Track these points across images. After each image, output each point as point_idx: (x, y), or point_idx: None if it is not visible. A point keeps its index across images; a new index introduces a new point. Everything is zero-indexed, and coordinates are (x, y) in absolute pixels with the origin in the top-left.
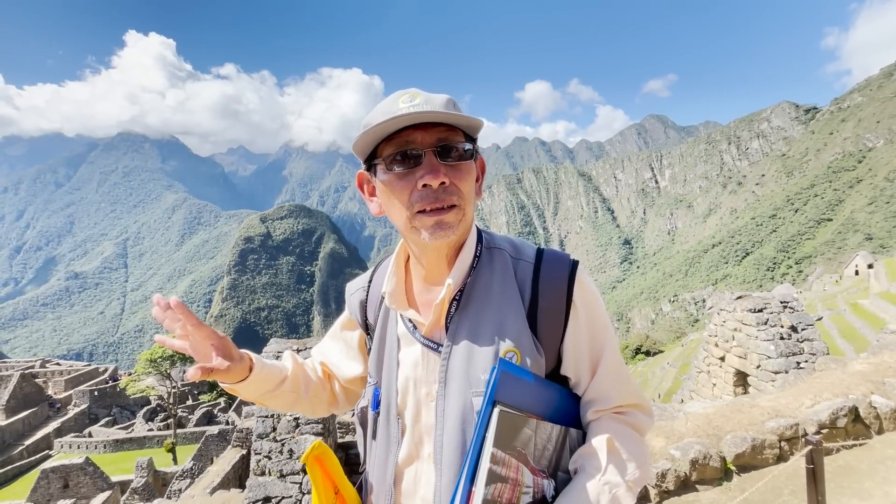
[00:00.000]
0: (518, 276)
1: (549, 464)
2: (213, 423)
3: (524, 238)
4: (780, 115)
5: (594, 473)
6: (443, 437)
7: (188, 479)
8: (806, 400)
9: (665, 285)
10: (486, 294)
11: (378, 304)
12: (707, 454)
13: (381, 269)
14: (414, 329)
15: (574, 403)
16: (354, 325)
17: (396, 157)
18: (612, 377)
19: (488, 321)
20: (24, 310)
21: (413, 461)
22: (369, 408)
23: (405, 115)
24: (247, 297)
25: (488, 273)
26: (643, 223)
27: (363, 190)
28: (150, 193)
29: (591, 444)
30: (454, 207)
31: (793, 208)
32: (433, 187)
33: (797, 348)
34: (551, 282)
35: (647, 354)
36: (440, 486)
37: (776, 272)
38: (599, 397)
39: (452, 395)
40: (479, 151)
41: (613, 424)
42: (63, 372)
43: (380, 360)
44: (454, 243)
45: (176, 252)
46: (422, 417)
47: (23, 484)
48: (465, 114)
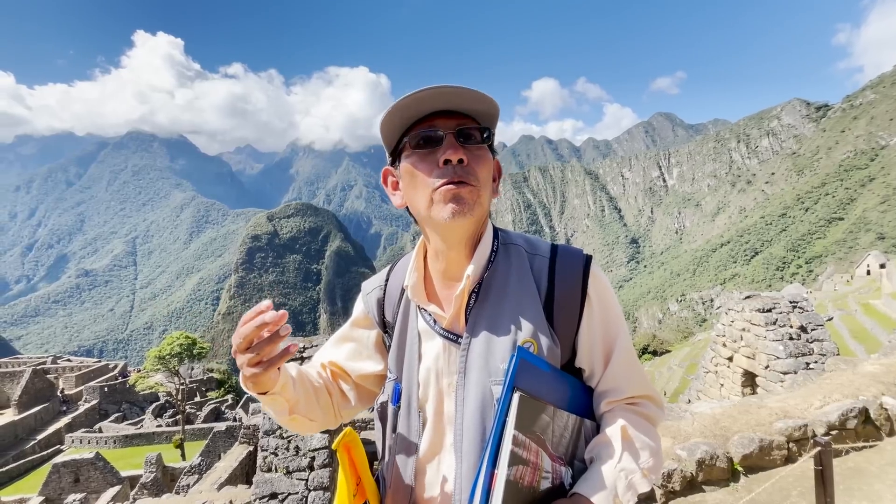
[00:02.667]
0: (534, 270)
1: (566, 452)
2: (221, 419)
3: None
4: (791, 112)
5: (610, 461)
6: (462, 425)
7: (196, 475)
8: (815, 401)
9: (672, 285)
10: (503, 287)
11: (397, 301)
12: (714, 455)
13: (398, 267)
14: (434, 322)
15: (587, 395)
16: (370, 323)
17: (420, 139)
18: (625, 368)
19: (506, 313)
20: (35, 307)
21: (435, 452)
22: (389, 402)
23: (431, 87)
24: (254, 295)
25: (505, 267)
26: (651, 222)
27: (386, 184)
28: (159, 192)
29: (606, 434)
30: (472, 186)
31: (803, 207)
32: (453, 162)
33: (807, 349)
34: (567, 275)
35: (655, 354)
36: (460, 471)
37: (786, 272)
38: (612, 388)
39: (472, 385)
40: (495, 151)
41: (627, 414)
42: (74, 368)
43: (400, 356)
44: (472, 233)
45: (184, 250)
46: (444, 408)
47: (35, 478)
48: (482, 93)
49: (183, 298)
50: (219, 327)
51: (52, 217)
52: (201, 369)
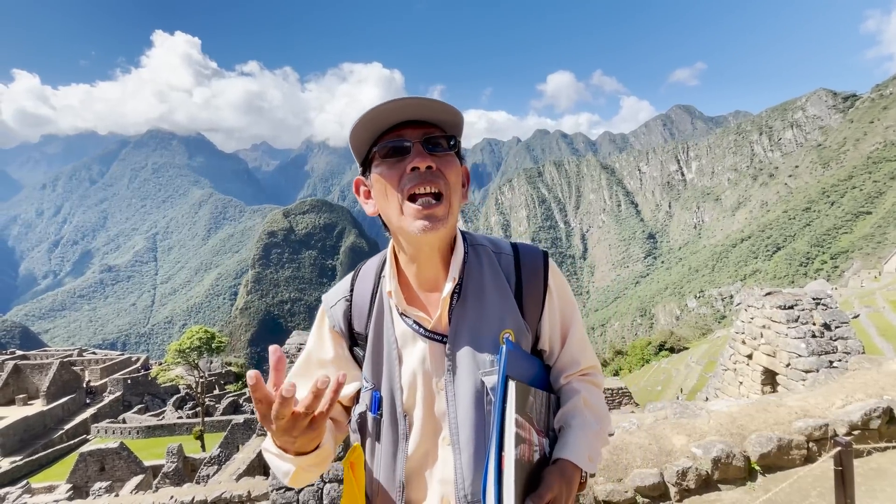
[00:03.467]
0: (503, 267)
1: (545, 425)
2: (239, 412)
3: (545, 232)
4: (817, 103)
5: (578, 427)
6: (457, 419)
7: (215, 466)
8: (837, 400)
9: (691, 281)
10: (480, 285)
11: (366, 310)
12: (730, 453)
13: (361, 275)
14: (419, 326)
15: (547, 373)
16: (338, 337)
17: (389, 149)
18: (578, 344)
19: (487, 308)
20: (62, 301)
21: (426, 451)
22: (368, 412)
23: (394, 100)
24: (270, 290)
25: (478, 266)
26: (668, 217)
27: (359, 193)
28: (178, 189)
29: (570, 403)
30: (441, 197)
31: (828, 201)
32: (421, 169)
33: (830, 347)
34: (531, 270)
35: (672, 351)
36: (460, 462)
37: (809, 268)
38: (569, 362)
39: (462, 379)
40: (464, 158)
41: (583, 385)
42: (99, 361)
43: (377, 364)
44: (445, 241)
45: (203, 246)
46: (434, 408)
47: (63, 466)
48: (446, 103)
49: (202, 293)
50: (236, 322)
51: (77, 214)
52: (220, 363)
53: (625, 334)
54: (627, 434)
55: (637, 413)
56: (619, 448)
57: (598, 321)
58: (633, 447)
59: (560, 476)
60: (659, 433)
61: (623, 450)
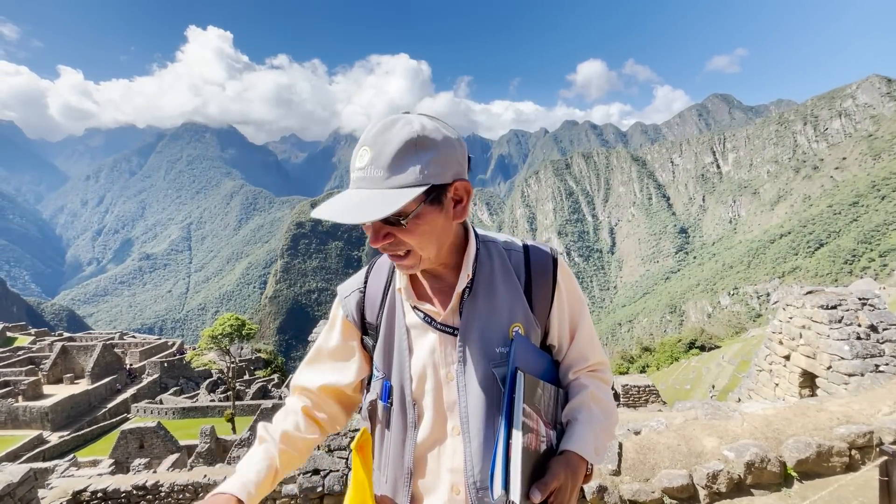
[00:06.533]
0: (513, 264)
1: (553, 418)
2: (268, 397)
3: (572, 226)
4: (868, 90)
5: (586, 421)
6: (467, 409)
7: (246, 448)
8: (884, 406)
9: (724, 277)
10: (491, 279)
11: (378, 302)
12: (765, 457)
13: (375, 268)
14: (430, 319)
15: (557, 368)
16: (351, 327)
17: None
18: (587, 341)
19: (498, 303)
20: (105, 287)
21: (435, 439)
22: (379, 400)
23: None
24: (298, 280)
25: (489, 262)
26: (702, 211)
27: None
28: (211, 180)
29: (578, 398)
30: (408, 254)
31: (879, 195)
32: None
33: (877, 350)
34: (541, 267)
35: (702, 349)
36: (470, 451)
37: (855, 265)
38: (577, 358)
39: (472, 370)
40: (465, 177)
41: (591, 381)
42: (138, 344)
43: (388, 354)
44: (443, 257)
45: (234, 236)
46: (443, 398)
47: (105, 442)
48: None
49: (233, 282)
50: (266, 310)
51: (118, 204)
52: (250, 349)
53: (653, 331)
54: (655, 433)
55: (665, 412)
56: (646, 447)
57: (626, 317)
58: (661, 447)
59: (566, 466)
60: (689, 434)
61: (651, 449)
